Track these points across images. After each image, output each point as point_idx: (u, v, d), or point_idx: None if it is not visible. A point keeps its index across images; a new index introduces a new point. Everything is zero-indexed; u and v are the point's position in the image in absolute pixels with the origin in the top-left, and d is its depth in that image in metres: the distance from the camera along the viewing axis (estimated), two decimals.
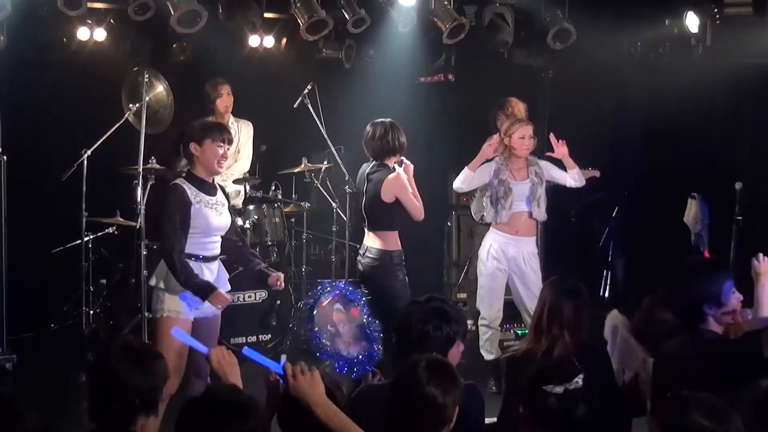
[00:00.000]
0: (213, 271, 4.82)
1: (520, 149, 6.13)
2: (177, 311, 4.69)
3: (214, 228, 4.76)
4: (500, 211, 6.13)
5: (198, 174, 4.74)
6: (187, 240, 4.66)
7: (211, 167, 4.74)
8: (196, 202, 4.67)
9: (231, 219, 4.92)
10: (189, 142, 4.71)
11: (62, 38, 7.23)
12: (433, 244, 8.69)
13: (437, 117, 8.95)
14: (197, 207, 4.67)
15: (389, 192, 5.53)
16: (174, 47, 7.81)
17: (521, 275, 6.16)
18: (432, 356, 3.08)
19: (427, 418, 2.92)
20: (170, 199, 4.66)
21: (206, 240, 4.75)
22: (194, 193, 4.69)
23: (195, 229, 4.68)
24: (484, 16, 7.22)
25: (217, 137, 4.71)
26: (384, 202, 5.54)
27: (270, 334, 7.02)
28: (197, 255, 4.73)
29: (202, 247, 4.75)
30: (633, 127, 8.94)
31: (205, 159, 4.71)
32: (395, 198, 5.53)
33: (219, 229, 4.81)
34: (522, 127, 6.16)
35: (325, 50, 7.77)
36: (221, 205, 4.82)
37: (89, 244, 7.03)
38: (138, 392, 2.79)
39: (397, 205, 5.56)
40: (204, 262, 4.76)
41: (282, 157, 7.70)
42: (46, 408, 5.72)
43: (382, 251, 5.56)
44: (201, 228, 4.70)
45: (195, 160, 4.72)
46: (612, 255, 8.65)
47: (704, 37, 7.07)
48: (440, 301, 3.62)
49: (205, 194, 4.73)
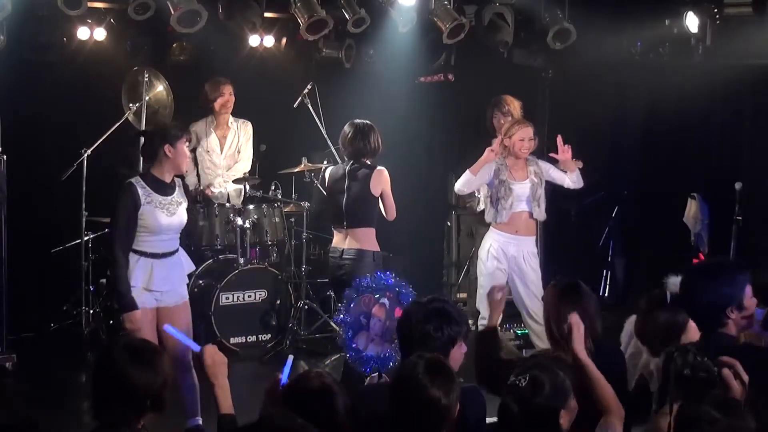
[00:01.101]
0: (166, 266, 4.90)
1: (519, 151, 6.14)
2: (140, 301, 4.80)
3: (163, 228, 4.85)
4: (500, 211, 6.14)
5: (157, 175, 4.84)
6: (132, 238, 4.78)
7: (180, 168, 4.89)
8: (147, 202, 4.77)
9: (186, 217, 5.03)
10: (163, 144, 4.80)
11: (62, 38, 7.22)
12: (433, 244, 8.70)
13: (437, 117, 8.96)
14: (148, 207, 4.77)
15: (378, 185, 5.62)
16: (174, 47, 7.80)
17: (521, 275, 6.17)
18: (429, 356, 3.08)
19: (432, 420, 2.94)
20: (121, 198, 4.78)
21: (155, 239, 4.85)
22: (147, 193, 4.79)
23: (144, 228, 4.79)
24: (484, 16, 7.22)
25: (186, 138, 4.90)
26: (373, 195, 5.63)
27: (270, 334, 7.02)
28: (146, 252, 4.83)
29: (151, 245, 4.85)
30: (633, 127, 8.94)
31: (177, 160, 4.84)
32: (381, 192, 5.63)
33: (169, 229, 4.90)
34: (522, 129, 6.17)
35: (325, 50, 7.76)
36: (176, 204, 4.91)
37: (89, 244, 7.03)
38: (149, 392, 2.80)
39: (378, 200, 5.67)
40: (153, 258, 4.85)
41: (282, 157, 7.70)
42: (46, 408, 5.75)
43: (365, 251, 5.62)
44: (150, 228, 4.81)
45: (164, 161, 4.82)
46: (612, 255, 8.65)
47: (704, 37, 7.07)
48: (442, 301, 3.61)
49: (160, 194, 4.83)
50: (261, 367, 6.63)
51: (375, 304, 4.95)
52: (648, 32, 7.65)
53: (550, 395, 2.94)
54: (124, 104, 6.95)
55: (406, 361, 3.07)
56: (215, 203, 7.19)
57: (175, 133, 4.85)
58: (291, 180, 7.58)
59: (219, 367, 3.24)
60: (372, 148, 5.66)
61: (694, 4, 7.11)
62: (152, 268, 4.83)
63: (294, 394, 2.98)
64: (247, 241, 6.98)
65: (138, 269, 4.81)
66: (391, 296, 4.95)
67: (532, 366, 3.05)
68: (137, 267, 4.81)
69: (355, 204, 5.65)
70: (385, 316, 4.92)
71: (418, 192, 8.58)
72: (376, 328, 4.90)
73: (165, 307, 4.91)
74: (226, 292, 6.85)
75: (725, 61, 7.37)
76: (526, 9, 7.38)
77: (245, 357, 6.83)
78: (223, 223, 7.07)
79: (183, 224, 4.99)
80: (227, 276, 6.84)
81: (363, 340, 4.96)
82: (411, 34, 7.25)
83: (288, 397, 3.00)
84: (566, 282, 3.83)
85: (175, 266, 4.98)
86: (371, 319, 4.91)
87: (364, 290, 4.97)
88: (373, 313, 4.91)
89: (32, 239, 7.38)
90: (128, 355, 2.84)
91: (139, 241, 4.80)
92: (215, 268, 7.07)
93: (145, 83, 6.96)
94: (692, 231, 7.74)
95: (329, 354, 6.73)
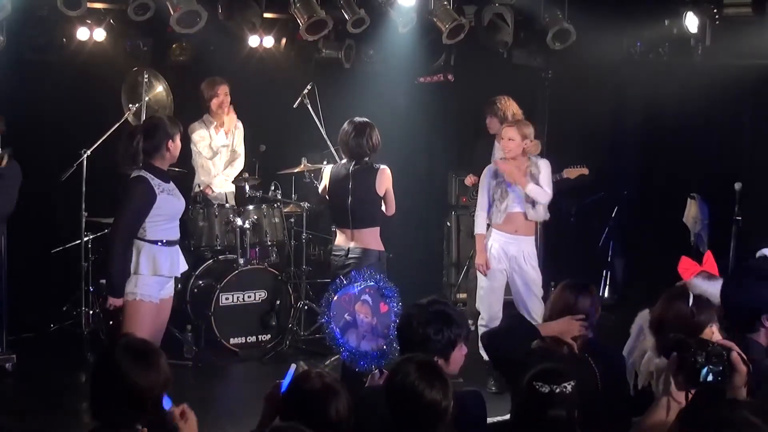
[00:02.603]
0: (174, 254, 5.03)
1: (505, 151, 6.15)
2: (149, 295, 4.90)
3: (178, 211, 5.07)
4: (496, 212, 6.12)
5: (158, 165, 4.96)
6: (136, 232, 4.86)
7: (175, 158, 5.08)
8: (160, 191, 4.90)
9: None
10: (167, 139, 4.94)
11: (62, 38, 7.23)
12: (433, 244, 8.70)
13: (437, 117, 8.96)
14: (163, 195, 4.90)
15: (383, 185, 5.64)
16: (173, 47, 7.80)
17: (522, 274, 6.15)
18: (419, 359, 3.09)
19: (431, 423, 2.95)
20: (137, 191, 4.86)
21: (170, 225, 5.00)
22: (157, 183, 4.91)
23: (162, 216, 4.91)
24: (483, 17, 7.22)
25: (179, 133, 5.08)
26: (378, 196, 5.65)
27: (269, 334, 7.02)
28: (163, 240, 4.94)
29: (167, 233, 4.97)
30: (632, 127, 8.94)
31: (175, 153, 5.04)
32: (384, 190, 5.66)
33: (181, 212, 5.11)
34: (504, 129, 6.20)
35: (325, 50, 7.77)
36: (176, 190, 5.10)
37: (89, 244, 7.02)
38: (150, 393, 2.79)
39: (381, 199, 5.69)
40: (168, 246, 4.97)
41: (282, 157, 7.70)
42: (46, 408, 5.74)
43: (371, 251, 5.61)
44: (168, 214, 4.95)
45: (165, 154, 4.96)
46: (611, 255, 8.65)
47: (704, 37, 7.06)
48: (442, 304, 3.62)
49: (164, 182, 4.97)
50: (261, 368, 6.63)
51: (356, 302, 4.97)
52: (648, 32, 7.66)
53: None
54: (124, 105, 6.95)
55: (397, 366, 3.07)
56: (215, 204, 7.19)
57: (174, 129, 5.03)
58: (291, 180, 7.58)
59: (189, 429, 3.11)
60: (372, 145, 5.66)
61: (693, 5, 7.11)
62: (172, 255, 4.98)
63: (296, 395, 2.98)
64: (247, 242, 6.97)
65: (163, 258, 4.91)
66: (371, 292, 4.96)
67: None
68: (161, 256, 4.91)
69: (362, 205, 5.65)
70: (372, 312, 4.93)
71: (418, 192, 8.59)
72: (365, 325, 4.92)
73: (161, 298, 5.00)
74: (226, 293, 6.85)
75: (725, 62, 7.37)
76: (525, 9, 7.38)
77: (245, 357, 6.83)
78: (223, 223, 7.06)
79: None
80: (227, 276, 6.83)
81: (354, 337, 4.98)
82: (411, 35, 7.25)
83: (289, 398, 3.00)
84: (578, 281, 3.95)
85: (179, 255, 5.12)
86: (357, 317, 4.93)
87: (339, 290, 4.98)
88: (356, 311, 4.93)
89: (32, 240, 7.38)
90: (129, 356, 2.83)
91: (158, 230, 4.91)
92: (215, 269, 7.07)
93: (144, 84, 6.96)
94: (692, 231, 7.73)
95: (329, 354, 6.73)
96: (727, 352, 2.81)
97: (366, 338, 4.96)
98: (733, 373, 2.80)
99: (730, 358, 2.81)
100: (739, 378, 2.81)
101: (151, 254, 4.87)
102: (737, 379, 2.81)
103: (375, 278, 5.04)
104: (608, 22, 7.39)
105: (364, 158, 5.65)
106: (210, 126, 7.33)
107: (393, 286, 4.99)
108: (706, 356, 2.81)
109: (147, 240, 4.88)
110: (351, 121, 5.71)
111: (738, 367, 2.80)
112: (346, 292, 5.01)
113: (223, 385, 6.52)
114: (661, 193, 8.39)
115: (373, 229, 5.68)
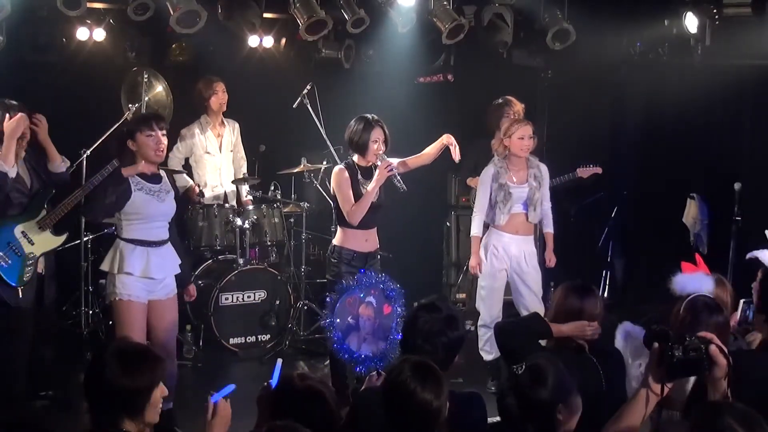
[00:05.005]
0: (161, 254, 5.00)
1: (519, 150, 6.12)
2: (129, 294, 4.90)
3: (162, 213, 5.00)
4: (498, 214, 6.12)
5: (142, 169, 4.94)
6: (108, 213, 4.97)
7: (149, 157, 4.95)
8: (137, 189, 4.91)
9: (175, 206, 5.14)
10: (126, 140, 4.94)
11: (61, 38, 7.23)
12: (432, 244, 8.69)
13: (436, 117, 8.92)
14: (139, 194, 4.91)
15: (333, 184, 5.69)
16: (173, 47, 7.81)
17: (522, 274, 6.15)
18: (414, 360, 3.09)
19: (424, 422, 2.96)
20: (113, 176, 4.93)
21: (148, 226, 4.97)
22: (136, 181, 4.92)
23: (137, 215, 4.92)
24: (483, 17, 7.23)
25: (145, 128, 4.93)
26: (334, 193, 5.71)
27: (269, 334, 7.02)
28: (142, 240, 4.94)
29: (145, 233, 4.97)
30: (632, 127, 8.94)
31: (142, 151, 4.92)
32: None
33: (161, 215, 5.03)
34: (521, 127, 6.13)
35: (325, 50, 7.77)
36: (165, 192, 5.05)
37: (88, 245, 7.03)
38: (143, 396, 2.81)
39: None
40: (149, 247, 4.96)
41: (281, 157, 7.70)
42: (47, 408, 5.74)
43: (332, 245, 5.69)
44: (144, 214, 4.94)
45: (136, 155, 4.93)
46: (611, 255, 8.64)
47: (703, 37, 7.06)
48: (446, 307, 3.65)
49: (149, 183, 4.97)
50: (260, 368, 6.63)
51: (361, 305, 4.96)
52: (647, 32, 7.66)
53: (553, 388, 2.98)
54: (124, 105, 6.95)
55: (394, 367, 3.08)
56: (215, 204, 7.19)
57: (131, 126, 5.03)
58: (290, 180, 7.58)
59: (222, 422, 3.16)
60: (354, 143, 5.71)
61: (693, 5, 7.11)
62: (149, 255, 4.94)
63: (282, 398, 3.00)
64: (247, 242, 6.98)
65: (135, 258, 4.91)
66: (375, 293, 4.96)
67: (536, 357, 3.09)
68: (133, 255, 4.91)
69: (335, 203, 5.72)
70: (374, 315, 4.92)
71: (417, 192, 8.55)
72: (366, 328, 4.91)
73: (157, 300, 5.00)
74: (226, 293, 6.85)
75: (724, 62, 7.37)
76: (525, 9, 7.39)
77: (245, 358, 6.83)
78: (223, 223, 7.07)
79: (173, 212, 5.12)
80: (227, 276, 6.84)
81: (355, 340, 4.97)
82: (410, 35, 7.25)
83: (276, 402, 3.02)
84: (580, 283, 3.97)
85: (168, 255, 5.08)
86: (359, 320, 4.92)
87: (347, 292, 4.97)
88: (360, 314, 4.92)
89: None
90: (119, 361, 2.85)
91: (132, 229, 4.93)
92: (214, 269, 7.08)
93: (144, 84, 6.97)
94: (692, 231, 7.73)
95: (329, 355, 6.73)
96: (705, 345, 2.82)
97: (366, 341, 4.96)
98: (712, 366, 2.82)
99: (709, 351, 2.82)
100: (719, 370, 2.82)
101: (123, 253, 4.92)
102: (717, 371, 2.82)
103: (382, 280, 5.02)
104: (608, 22, 7.39)
105: (352, 154, 5.72)
106: (205, 130, 7.31)
107: (398, 287, 4.97)
108: (683, 349, 2.82)
109: (122, 238, 4.96)
110: (360, 117, 5.75)
111: (717, 360, 2.81)
112: (351, 294, 5.00)
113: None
114: (661, 193, 8.38)
115: (340, 228, 5.70)
